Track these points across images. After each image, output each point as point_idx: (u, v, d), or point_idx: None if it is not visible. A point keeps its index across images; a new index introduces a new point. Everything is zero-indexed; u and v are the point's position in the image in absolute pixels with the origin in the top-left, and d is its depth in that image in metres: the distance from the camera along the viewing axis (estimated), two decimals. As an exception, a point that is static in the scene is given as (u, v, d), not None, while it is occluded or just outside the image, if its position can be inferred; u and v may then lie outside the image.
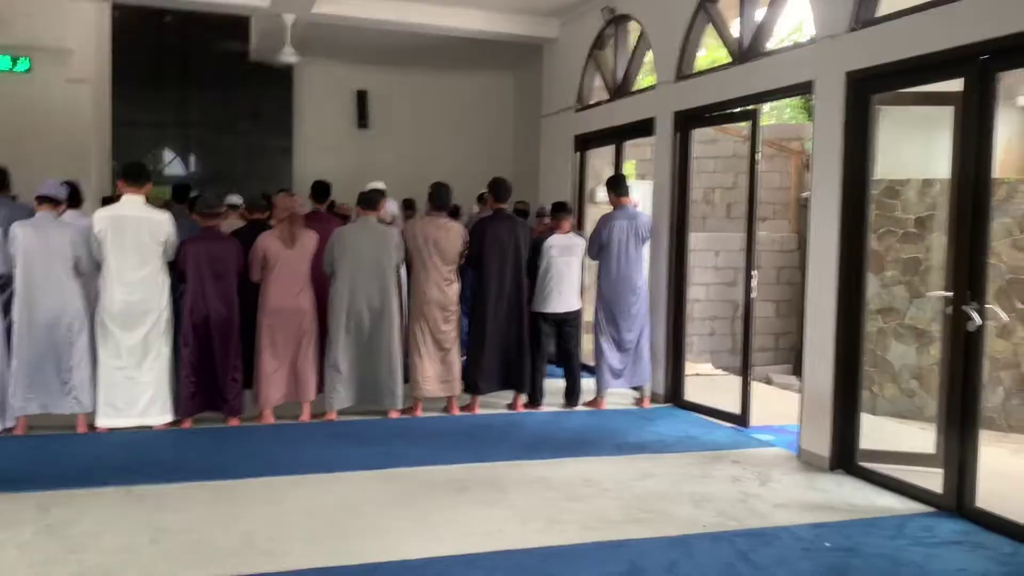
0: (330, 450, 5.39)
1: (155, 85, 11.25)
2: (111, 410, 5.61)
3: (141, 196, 5.71)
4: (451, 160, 11.24)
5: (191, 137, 11.58)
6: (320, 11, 8.16)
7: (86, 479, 4.63)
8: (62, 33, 13.61)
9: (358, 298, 6.09)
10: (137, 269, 5.59)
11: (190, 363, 5.78)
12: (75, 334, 5.55)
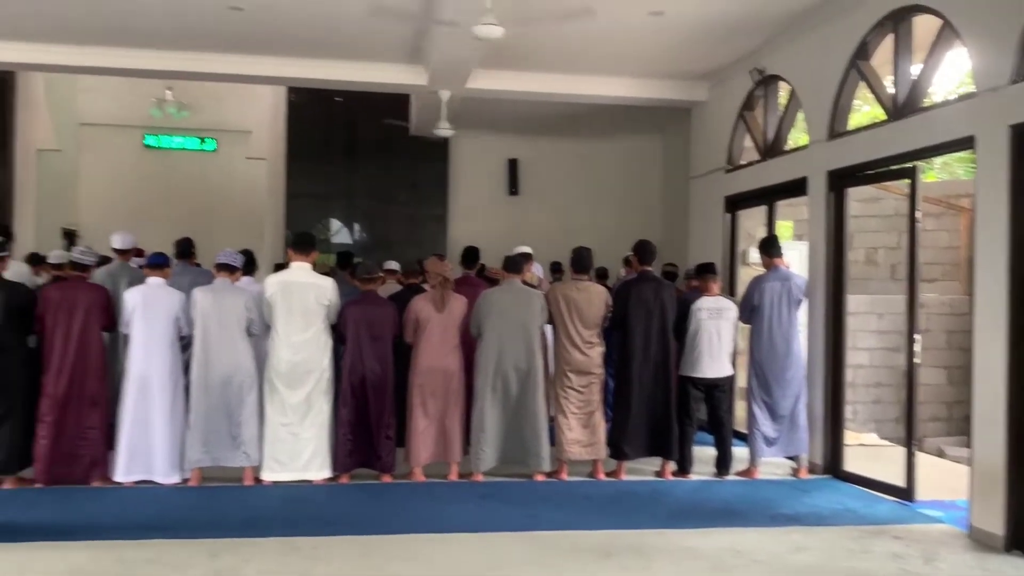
0: (476, 510, 5.48)
1: (324, 160, 12.08)
2: (275, 464, 5.95)
3: (308, 263, 6.12)
4: (599, 223, 11.35)
5: (355, 207, 12.30)
6: (474, 86, 8.57)
7: (251, 529, 4.92)
8: (244, 116, 14.95)
9: (504, 359, 6.21)
10: (302, 331, 5.97)
11: (348, 421, 6.06)
12: (245, 392, 5.95)
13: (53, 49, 8.13)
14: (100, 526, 4.94)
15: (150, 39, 7.84)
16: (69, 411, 5.73)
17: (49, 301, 5.77)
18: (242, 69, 8.52)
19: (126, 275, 6.64)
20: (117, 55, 8.22)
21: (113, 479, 5.82)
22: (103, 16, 7.17)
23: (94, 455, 5.80)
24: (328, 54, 8.24)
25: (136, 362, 5.88)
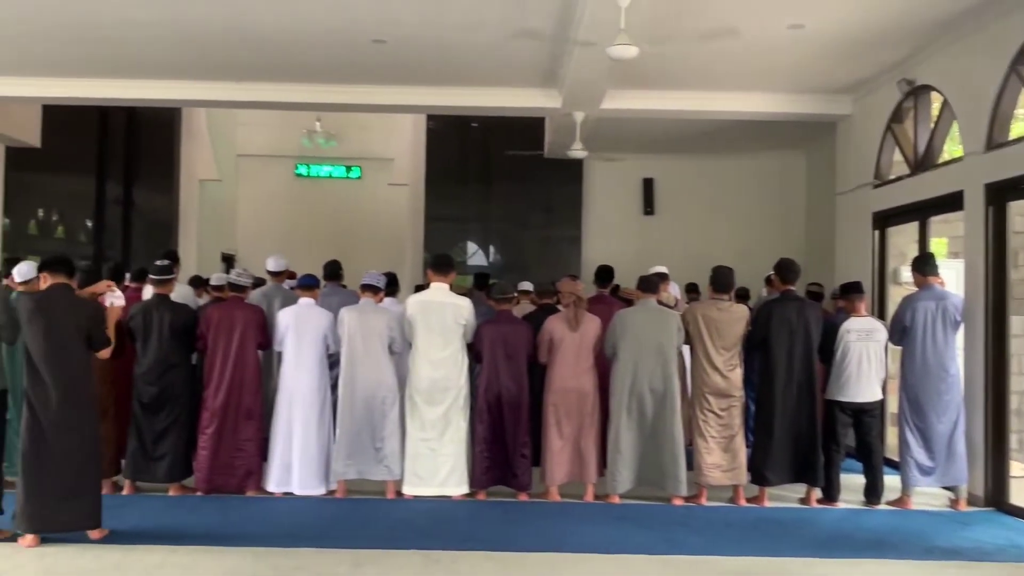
0: (612, 531, 5.44)
1: (461, 184, 12.40)
2: (415, 479, 6.11)
3: (446, 284, 6.29)
4: (738, 243, 11.09)
5: (491, 230, 12.55)
6: (608, 107, 8.59)
7: (393, 540, 5.07)
8: (387, 144, 15.58)
9: (640, 380, 6.15)
10: (441, 349, 6.13)
11: (484, 439, 6.16)
12: (388, 407, 6.16)
13: (215, 86, 8.76)
14: (254, 533, 5.22)
15: (301, 74, 8.31)
16: (227, 423, 6.09)
17: (210, 320, 6.18)
18: (385, 99, 8.90)
19: (279, 296, 7.02)
20: (271, 90, 8.75)
21: (266, 489, 6.14)
22: (259, 54, 7.66)
23: (249, 466, 6.13)
24: (466, 81, 8.48)
25: (288, 378, 6.20)
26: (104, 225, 12.28)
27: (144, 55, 7.77)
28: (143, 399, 6.03)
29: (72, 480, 4.83)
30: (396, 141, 14.89)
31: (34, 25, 6.97)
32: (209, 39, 7.26)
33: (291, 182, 17.17)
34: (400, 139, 14.59)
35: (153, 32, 7.09)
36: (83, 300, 5.04)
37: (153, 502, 5.91)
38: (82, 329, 4.89)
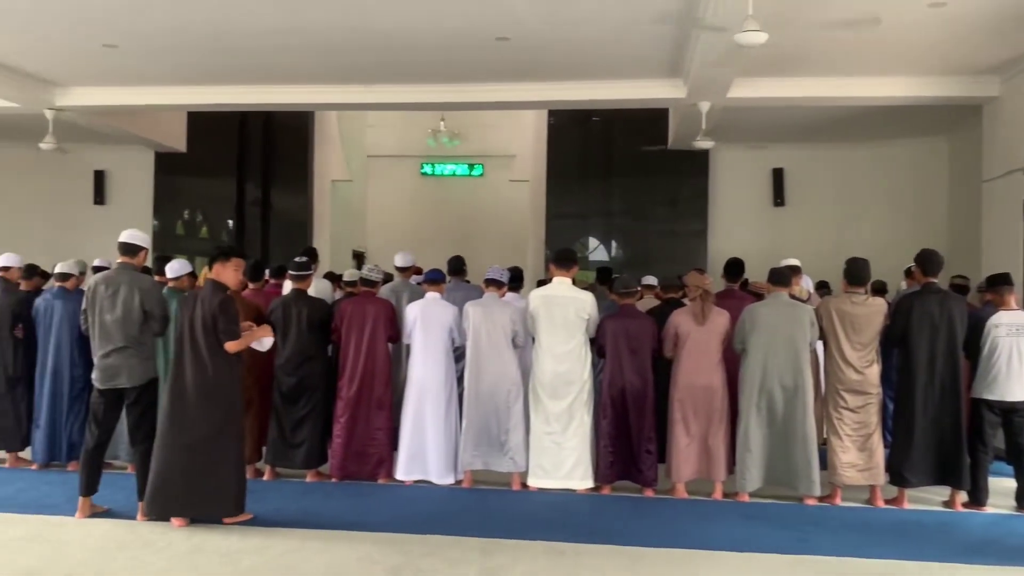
0: (742, 530, 5.31)
1: (582, 179, 12.38)
2: (540, 471, 6.16)
3: (569, 278, 6.31)
4: (874, 234, 10.63)
5: (613, 225, 12.48)
6: (735, 96, 8.38)
7: (519, 531, 5.14)
8: (509, 141, 15.74)
9: (770, 376, 5.98)
10: (565, 343, 6.14)
11: (608, 433, 6.14)
12: (512, 400, 6.23)
13: (345, 89, 9.08)
14: (385, 519, 5.39)
15: (426, 74, 8.51)
16: (360, 413, 6.32)
17: (343, 314, 6.42)
18: (507, 96, 8.99)
19: (407, 291, 7.22)
20: (398, 91, 9.00)
21: (396, 477, 6.33)
22: (386, 57, 7.89)
23: (380, 454, 6.34)
24: (588, 75, 8.46)
25: (416, 370, 6.37)
26: (244, 225, 12.95)
27: (278, 62, 8.14)
28: (283, 389, 6.33)
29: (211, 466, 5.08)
30: (518, 138, 15.03)
31: (178, 38, 7.42)
32: (338, 44, 7.54)
33: (417, 181, 17.63)
34: (522, 135, 14.72)
35: (286, 40, 7.42)
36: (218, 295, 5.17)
37: (291, 487, 6.19)
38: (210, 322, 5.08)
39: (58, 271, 6.80)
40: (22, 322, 6.72)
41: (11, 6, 6.70)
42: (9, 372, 6.70)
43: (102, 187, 12.61)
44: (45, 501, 5.63)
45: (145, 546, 4.75)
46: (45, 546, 4.72)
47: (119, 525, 5.13)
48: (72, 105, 9.40)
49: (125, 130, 10.80)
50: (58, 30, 7.28)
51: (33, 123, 9.78)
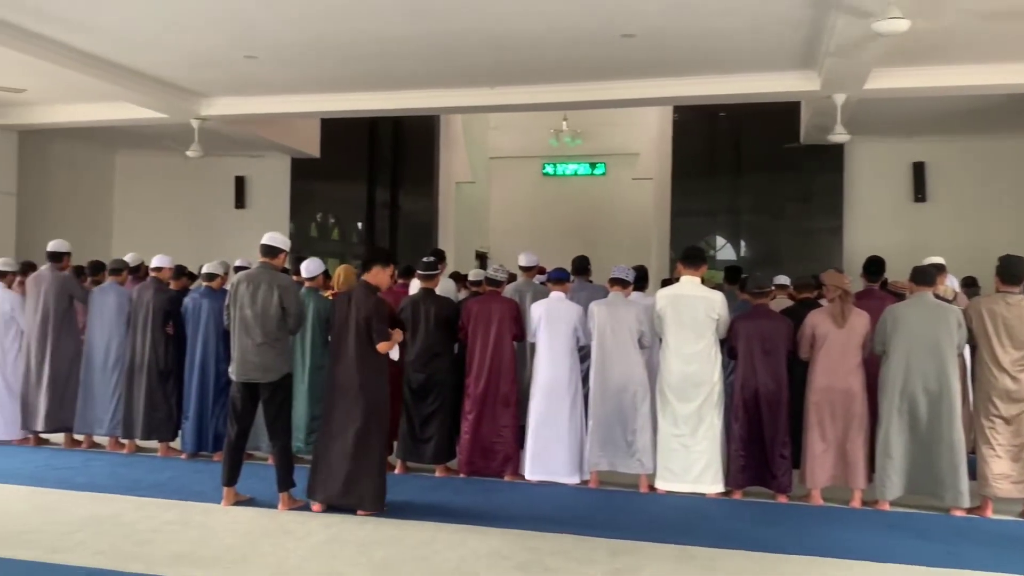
0: (883, 539, 5.07)
1: (709, 176, 12.11)
2: (668, 474, 6.06)
3: (698, 277, 6.18)
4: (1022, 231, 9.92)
5: (741, 223, 12.14)
6: (873, 87, 8.01)
7: (647, 533, 5.07)
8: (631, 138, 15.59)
9: (912, 380, 5.67)
10: (693, 343, 6.02)
11: (740, 437, 5.98)
12: (639, 401, 6.15)
13: (470, 92, 9.23)
14: (512, 516, 5.42)
15: (550, 75, 8.53)
16: (486, 410, 6.39)
17: (470, 313, 6.51)
18: (632, 94, 8.91)
19: (530, 290, 7.25)
20: (522, 92, 9.07)
21: (522, 475, 6.37)
22: (511, 59, 7.95)
23: (507, 451, 6.39)
24: (716, 70, 8.27)
25: (541, 369, 6.39)
26: (374, 227, 13.36)
27: (406, 68, 8.35)
28: (412, 385, 6.48)
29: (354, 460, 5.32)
30: (641, 135, 14.87)
31: (312, 47, 7.72)
32: (463, 48, 7.65)
33: (539, 181, 17.71)
34: (645, 133, 14.55)
35: (413, 46, 7.60)
36: (369, 296, 5.45)
37: (421, 481, 6.33)
38: (364, 323, 5.36)
39: (205, 271, 7.19)
40: (172, 319, 7.14)
41: (163, 23, 7.13)
42: (160, 367, 7.13)
43: (242, 192, 13.29)
44: (194, 488, 5.96)
45: (286, 534, 4.96)
46: (194, 531, 4.99)
47: (262, 514, 5.38)
48: (215, 114, 9.93)
49: (263, 137, 11.33)
50: (204, 44, 7.70)
51: (180, 132, 10.42)
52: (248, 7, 6.69)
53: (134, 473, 6.46)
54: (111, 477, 6.30)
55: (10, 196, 10.98)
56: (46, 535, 4.82)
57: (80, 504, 5.54)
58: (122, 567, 4.31)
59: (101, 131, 11.30)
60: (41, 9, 6.77)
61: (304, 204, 13.25)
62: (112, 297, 7.37)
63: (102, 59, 8.16)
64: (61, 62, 7.81)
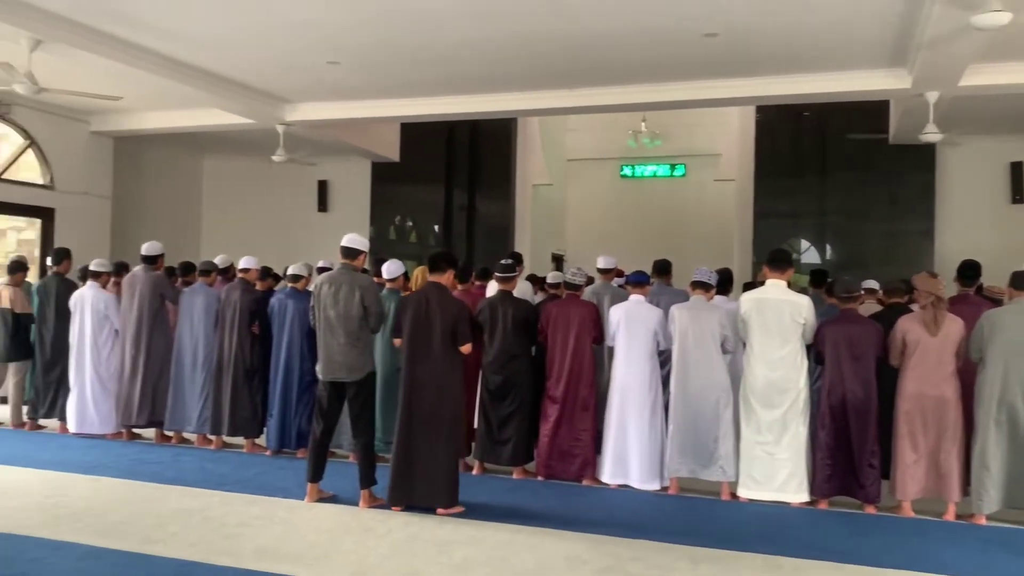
0: (979, 555, 4.85)
1: (793, 177, 11.82)
2: (751, 482, 5.93)
3: (783, 281, 6.03)
4: None
5: (826, 225, 11.81)
6: (968, 84, 7.69)
7: (729, 541, 4.96)
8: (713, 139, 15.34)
9: (1011, 389, 5.41)
10: (779, 349, 5.88)
11: (826, 445, 5.81)
12: (721, 407, 6.03)
13: (548, 95, 9.21)
14: (590, 520, 5.38)
15: (627, 75, 8.45)
16: (565, 413, 6.36)
17: (549, 316, 6.49)
18: (714, 94, 8.75)
19: (608, 293, 7.19)
20: (601, 94, 9.01)
21: (600, 480, 6.32)
22: (589, 61, 7.91)
23: (585, 456, 6.35)
24: (801, 68, 8.06)
25: (619, 373, 6.33)
26: (451, 230, 13.47)
27: (483, 71, 8.39)
28: (490, 387, 6.50)
29: (431, 459, 5.38)
30: (722, 135, 14.61)
31: (392, 52, 7.82)
32: (542, 50, 7.64)
33: (616, 183, 17.57)
34: (726, 133, 14.29)
35: (490, 49, 7.62)
36: (451, 298, 5.57)
37: (498, 483, 6.34)
38: (449, 324, 5.41)
39: (290, 273, 7.36)
40: (258, 319, 7.33)
41: (252, 31, 7.34)
42: (247, 365, 7.33)
43: (325, 196, 13.58)
44: (278, 485, 6.10)
45: (367, 532, 5.02)
46: (278, 527, 5.10)
47: (344, 511, 5.47)
48: (299, 120, 10.17)
49: (345, 142, 11.55)
50: (289, 51, 7.89)
51: (265, 138, 10.70)
52: (332, 13, 6.82)
53: (221, 468, 6.65)
54: (199, 472, 6.50)
55: (106, 199, 11.46)
56: (141, 526, 5.00)
57: (171, 497, 5.73)
58: (211, 560, 4.44)
59: (190, 137, 11.69)
60: (138, 19, 7.05)
61: (383, 207, 13.46)
62: (201, 298, 7.62)
63: (193, 66, 8.45)
64: (155, 70, 8.11)
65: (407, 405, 5.50)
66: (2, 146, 10.35)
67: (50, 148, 10.67)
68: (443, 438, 5.42)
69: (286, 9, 6.76)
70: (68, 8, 6.85)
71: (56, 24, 7.02)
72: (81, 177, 11.07)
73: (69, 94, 7.89)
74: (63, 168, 10.81)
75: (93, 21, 7.16)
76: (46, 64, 7.43)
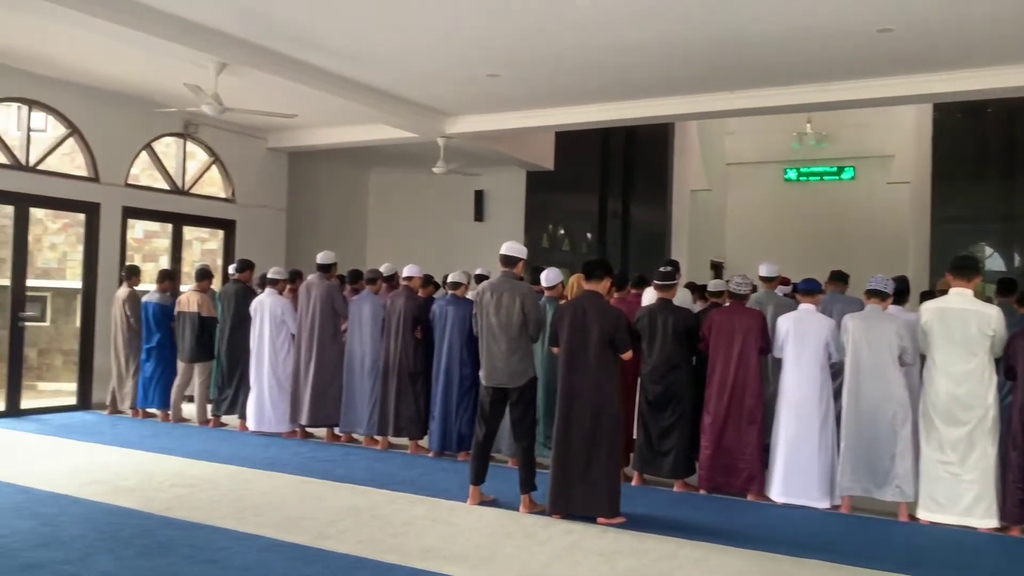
0: None
1: (975, 179, 11.01)
2: (933, 504, 5.54)
3: (970, 289, 5.61)
4: None
5: (1015, 230, 10.91)
6: None
7: (909, 567, 4.65)
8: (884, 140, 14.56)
9: None
10: (964, 362, 5.47)
11: (1019, 467, 5.34)
12: (899, 424, 5.68)
13: (707, 98, 9.02)
14: (756, 537, 5.18)
15: (792, 75, 8.14)
16: (729, 425, 6.18)
17: (712, 324, 6.33)
18: (887, 92, 8.29)
19: (772, 302, 6.94)
20: (764, 95, 8.73)
21: (767, 496, 6.09)
22: (752, 61, 7.67)
23: (751, 470, 6.13)
24: (982, 62, 7.51)
25: (788, 385, 6.08)
26: (605, 237, 13.43)
27: (642, 76, 8.31)
28: (649, 397, 6.40)
29: (591, 468, 5.36)
30: (895, 136, 13.84)
31: (551, 62, 7.89)
32: (702, 52, 7.48)
33: (779, 187, 16.98)
34: (900, 133, 13.52)
35: (649, 53, 7.53)
36: (609, 306, 5.54)
37: (658, 495, 6.24)
38: (607, 333, 5.38)
39: (451, 280, 7.56)
40: (421, 325, 7.56)
41: (417, 48, 7.61)
42: (410, 369, 7.57)
43: (481, 205, 13.87)
44: (441, 486, 6.25)
45: (528, 537, 5.06)
46: (442, 527, 5.22)
47: (505, 515, 5.53)
48: (459, 132, 10.44)
49: (501, 152, 11.75)
50: (452, 65, 8.12)
51: (426, 150, 11.05)
52: (494, 27, 6.96)
53: (387, 468, 6.90)
54: (367, 471, 6.77)
55: (281, 211, 12.18)
56: (315, 522, 5.25)
57: (341, 495, 5.99)
58: (380, 557, 4.59)
59: (357, 151, 12.25)
60: (317, 42, 7.47)
61: (538, 216, 13.59)
62: (368, 305, 7.94)
63: (364, 84, 8.86)
64: (329, 89, 8.56)
65: (565, 414, 5.48)
66: (189, 164, 11.21)
67: (232, 164, 11.46)
68: (603, 448, 5.38)
69: (453, 27, 6.97)
70: (253, 34, 7.35)
71: (241, 49, 7.55)
72: (259, 191, 11.82)
73: (251, 113, 8.44)
74: (243, 182, 11.58)
75: (275, 45, 7.65)
76: (229, 86, 7.99)
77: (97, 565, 4.31)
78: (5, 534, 4.78)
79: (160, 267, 10.03)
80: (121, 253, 10.00)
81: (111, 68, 8.75)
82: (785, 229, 15.97)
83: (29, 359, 11.02)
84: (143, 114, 9.86)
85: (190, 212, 10.95)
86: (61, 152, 9.84)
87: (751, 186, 16.96)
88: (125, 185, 10.05)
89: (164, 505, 5.54)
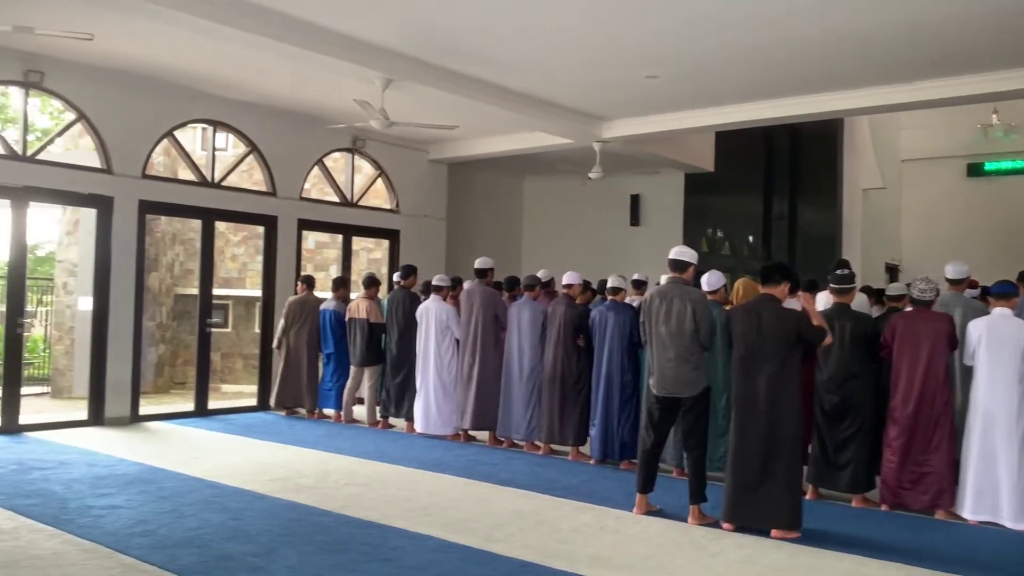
0: None
1: None
2: None
3: None
4: None
5: None
6: None
7: None
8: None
9: None
10: None
11: None
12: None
13: (880, 91, 8.48)
14: (946, 558, 4.80)
15: (974, 63, 7.53)
16: (916, 437, 5.77)
17: (895, 330, 5.93)
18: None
19: (959, 305, 6.43)
20: (942, 86, 8.13)
21: (958, 514, 5.64)
22: (928, 50, 7.16)
23: (940, 485, 5.70)
24: None
25: (982, 396, 5.62)
26: (769, 240, 12.93)
27: (810, 70, 7.93)
28: (825, 407, 6.08)
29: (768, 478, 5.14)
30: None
31: (715, 59, 7.66)
32: (877, 41, 7.03)
33: (961, 183, 15.80)
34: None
35: (818, 45, 7.16)
36: (788, 310, 5.31)
37: (835, 510, 5.90)
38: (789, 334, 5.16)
39: (610, 286, 7.48)
40: (583, 332, 7.52)
41: (576, 55, 7.61)
42: (573, 377, 7.55)
43: (637, 209, 13.69)
44: (604, 494, 6.18)
45: (698, 549, 4.91)
46: (609, 536, 5.15)
47: (672, 526, 5.39)
48: (615, 136, 10.35)
49: (658, 155, 11.55)
50: (610, 69, 8.06)
51: (580, 156, 11.03)
52: (655, 25, 6.84)
53: (549, 474, 6.90)
54: (530, 476, 6.79)
55: (441, 221, 12.50)
56: (482, 524, 5.31)
57: (506, 498, 6.04)
58: (548, 563, 4.57)
59: (512, 159, 12.40)
60: (478, 55, 7.64)
61: (696, 219, 13.26)
62: (527, 311, 7.99)
63: (521, 93, 8.96)
64: (488, 99, 8.71)
65: (740, 424, 5.28)
66: (357, 177, 11.71)
67: (396, 176, 11.88)
68: (782, 458, 5.14)
69: (613, 32, 6.92)
70: (418, 50, 7.58)
71: (406, 65, 7.80)
72: (421, 201, 12.19)
73: (415, 126, 8.71)
74: (406, 194, 11.98)
75: (438, 59, 7.86)
76: (395, 101, 8.26)
77: (281, 559, 4.53)
78: (199, 526, 5.13)
79: (331, 276, 10.53)
80: (297, 263, 10.56)
81: (285, 88, 9.27)
82: (969, 227, 14.81)
83: (213, 363, 11.87)
84: (315, 131, 10.40)
85: (358, 223, 11.43)
86: (240, 169, 10.53)
87: (929, 183, 15.85)
88: (299, 199, 10.62)
89: (340, 503, 5.78)
